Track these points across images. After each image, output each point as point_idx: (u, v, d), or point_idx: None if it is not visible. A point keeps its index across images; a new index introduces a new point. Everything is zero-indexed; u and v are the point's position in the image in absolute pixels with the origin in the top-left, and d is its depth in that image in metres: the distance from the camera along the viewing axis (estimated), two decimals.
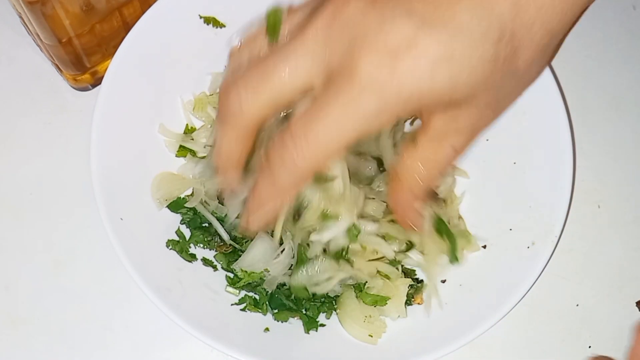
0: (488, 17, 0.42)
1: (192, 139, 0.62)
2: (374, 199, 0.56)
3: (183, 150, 0.62)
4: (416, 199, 0.49)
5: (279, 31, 0.47)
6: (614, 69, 0.71)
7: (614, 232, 0.66)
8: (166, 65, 0.62)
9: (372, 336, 0.57)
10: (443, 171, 0.49)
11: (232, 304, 0.58)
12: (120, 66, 0.59)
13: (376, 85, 0.41)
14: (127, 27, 0.61)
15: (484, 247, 0.60)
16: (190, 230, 0.60)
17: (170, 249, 0.59)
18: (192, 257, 0.60)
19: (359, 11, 0.42)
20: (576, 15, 0.46)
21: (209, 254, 0.61)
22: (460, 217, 0.62)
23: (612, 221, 0.66)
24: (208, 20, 0.62)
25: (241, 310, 0.58)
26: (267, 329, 0.57)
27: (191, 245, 0.60)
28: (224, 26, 0.63)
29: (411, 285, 0.59)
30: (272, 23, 0.47)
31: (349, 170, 0.50)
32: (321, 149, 0.44)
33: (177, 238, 0.60)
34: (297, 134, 0.43)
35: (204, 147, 0.62)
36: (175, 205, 0.61)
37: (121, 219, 0.56)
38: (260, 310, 0.58)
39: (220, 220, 0.60)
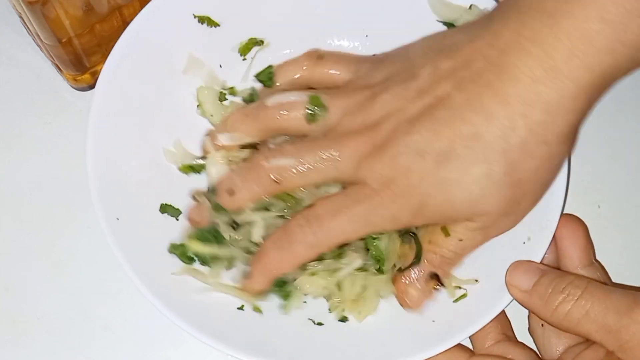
0: (479, 143, 0.50)
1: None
2: None
3: (187, 168, 0.62)
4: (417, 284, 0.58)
5: (316, 115, 0.57)
6: None
7: (614, 232, 0.66)
8: (161, 65, 0.62)
9: (359, 313, 0.59)
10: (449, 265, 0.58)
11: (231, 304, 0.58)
12: (115, 66, 0.59)
13: (391, 201, 0.53)
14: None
15: None
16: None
17: (171, 252, 0.59)
18: (192, 260, 0.59)
19: (386, 138, 0.54)
20: (572, 119, 0.51)
21: None
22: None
23: (612, 221, 0.66)
24: (202, 20, 0.62)
25: (239, 309, 0.58)
26: (266, 329, 0.58)
27: None
28: (218, 25, 0.63)
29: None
30: (313, 105, 0.57)
31: None
32: (332, 239, 0.54)
33: (176, 241, 0.59)
34: (320, 219, 0.54)
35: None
36: (174, 210, 0.61)
37: (117, 218, 0.56)
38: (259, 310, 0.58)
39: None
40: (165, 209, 0.60)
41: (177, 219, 0.61)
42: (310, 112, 0.57)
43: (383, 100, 0.55)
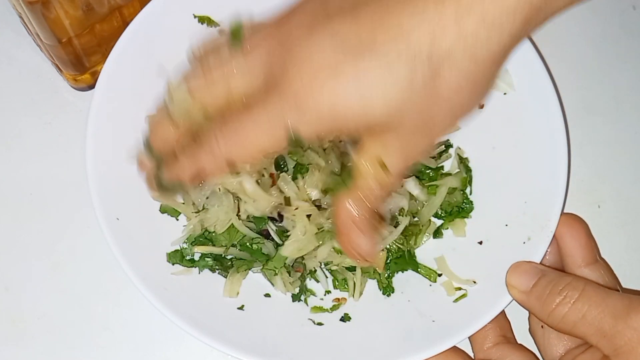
0: (404, 42, 0.44)
1: None
2: None
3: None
4: (358, 225, 0.50)
5: (240, 40, 0.52)
6: (614, 69, 0.71)
7: (614, 232, 0.66)
8: (161, 65, 0.61)
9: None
10: (381, 194, 0.50)
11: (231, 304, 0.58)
12: (115, 66, 0.59)
13: (297, 100, 0.46)
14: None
15: (480, 243, 0.60)
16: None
17: (168, 260, 0.59)
18: (192, 263, 0.59)
19: (296, 29, 0.47)
20: (506, 42, 0.45)
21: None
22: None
23: (612, 221, 0.67)
24: (202, 20, 0.62)
25: (239, 309, 0.58)
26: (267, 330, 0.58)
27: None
28: (218, 25, 0.63)
29: None
30: (235, 32, 0.53)
31: None
32: (240, 151, 0.49)
33: (175, 245, 0.60)
34: (228, 131, 0.49)
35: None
36: (174, 211, 0.61)
37: (117, 218, 0.56)
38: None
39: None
40: (165, 209, 0.61)
41: (177, 219, 0.61)
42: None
43: (298, 14, 0.48)
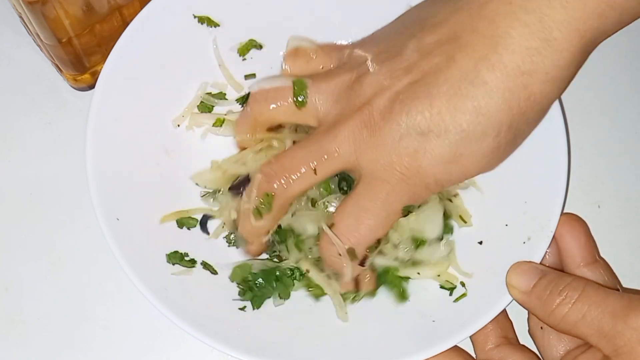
0: (485, 118, 0.50)
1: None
2: None
3: None
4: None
5: (305, 101, 0.56)
6: (614, 69, 0.71)
7: (614, 232, 0.66)
8: (161, 65, 0.62)
9: None
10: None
11: (234, 299, 0.59)
12: (115, 66, 0.59)
13: (406, 186, 0.54)
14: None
15: (480, 243, 0.60)
16: None
17: (168, 260, 0.59)
18: (192, 263, 0.59)
19: (380, 118, 0.52)
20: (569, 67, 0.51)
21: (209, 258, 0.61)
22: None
23: (612, 221, 0.66)
24: (202, 20, 0.62)
25: (240, 309, 0.58)
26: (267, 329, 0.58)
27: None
28: (218, 25, 0.63)
29: None
30: (298, 92, 0.56)
31: None
32: (365, 245, 0.56)
33: (175, 247, 0.59)
34: (348, 234, 0.55)
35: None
36: (189, 221, 0.61)
37: (117, 218, 0.56)
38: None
39: None
40: (182, 222, 0.61)
41: (189, 229, 0.61)
42: (297, 98, 0.56)
43: (370, 81, 0.53)
